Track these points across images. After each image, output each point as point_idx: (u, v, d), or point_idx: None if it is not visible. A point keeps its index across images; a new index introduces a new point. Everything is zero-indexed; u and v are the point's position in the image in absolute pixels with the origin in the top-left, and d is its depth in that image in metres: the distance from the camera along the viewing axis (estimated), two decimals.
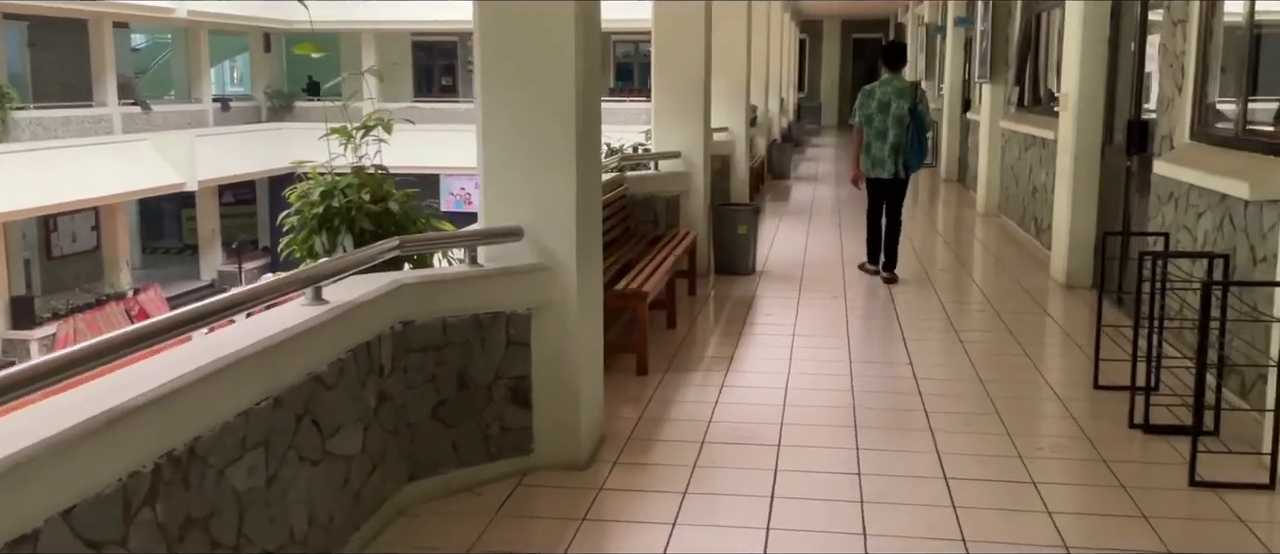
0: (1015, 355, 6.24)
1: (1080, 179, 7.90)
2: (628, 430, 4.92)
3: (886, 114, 8.38)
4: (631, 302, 5.84)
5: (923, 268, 9.19)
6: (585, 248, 4.41)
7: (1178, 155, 5.93)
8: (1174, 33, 6.26)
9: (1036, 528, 3.86)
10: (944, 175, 16.49)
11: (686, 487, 4.26)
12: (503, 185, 4.30)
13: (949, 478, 4.34)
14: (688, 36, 8.41)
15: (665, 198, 8.52)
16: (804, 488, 4.27)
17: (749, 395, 5.52)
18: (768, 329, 6.99)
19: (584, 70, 4.29)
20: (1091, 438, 4.80)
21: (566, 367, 4.38)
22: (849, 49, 33.07)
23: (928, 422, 5.03)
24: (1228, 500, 4.07)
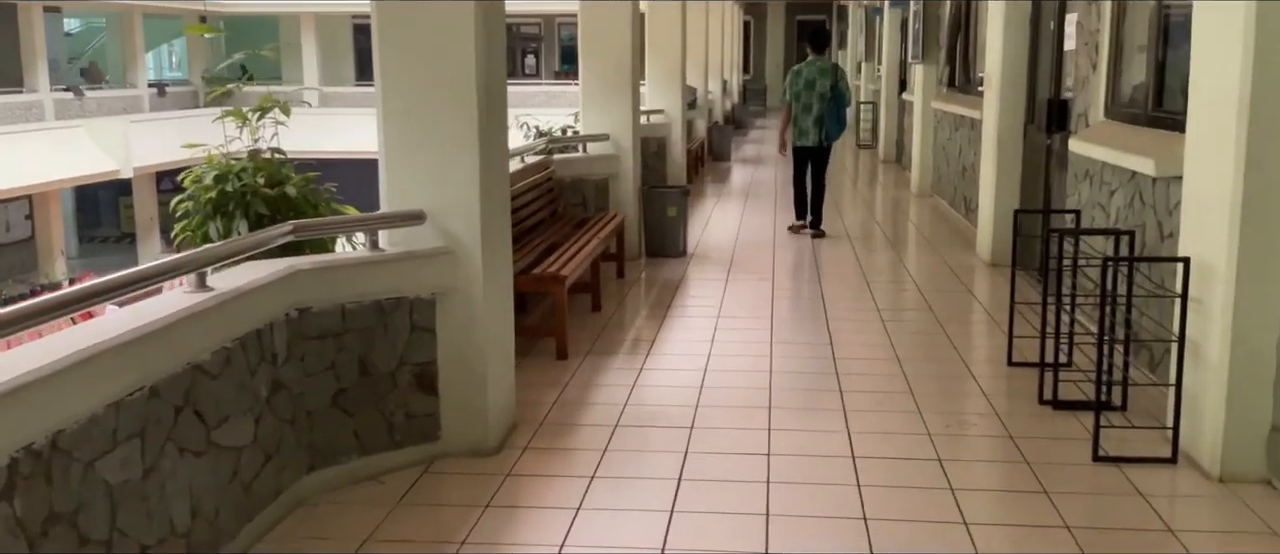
0: (935, 334, 6.28)
1: (1003, 158, 7.97)
2: (542, 415, 4.88)
3: (812, 91, 9.61)
4: (550, 285, 5.79)
5: (853, 248, 9.23)
6: (491, 231, 4.34)
7: (1091, 133, 5.98)
8: (1089, 11, 6.31)
9: (939, 504, 3.88)
10: (882, 156, 16.59)
11: (595, 471, 4.23)
12: (404, 168, 4.22)
13: (857, 457, 4.34)
14: (614, 19, 8.34)
15: (594, 181, 8.46)
16: (712, 470, 4.25)
17: (667, 378, 5.50)
18: (693, 311, 6.97)
19: (486, 51, 4.21)
20: (1001, 414, 4.83)
21: (473, 352, 4.32)
22: (793, 31, 33.13)
23: (842, 401, 5.04)
24: (1130, 475, 4.11)
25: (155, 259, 15.36)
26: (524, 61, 36.23)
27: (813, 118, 9.59)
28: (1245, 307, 3.88)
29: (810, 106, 9.59)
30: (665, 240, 8.78)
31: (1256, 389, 3.92)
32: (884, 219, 11.13)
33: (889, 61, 16.26)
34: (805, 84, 9.62)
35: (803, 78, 9.66)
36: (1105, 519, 3.78)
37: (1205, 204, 4.09)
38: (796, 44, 33.39)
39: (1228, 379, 3.94)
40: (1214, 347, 4.00)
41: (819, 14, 31.87)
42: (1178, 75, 5.26)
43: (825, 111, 9.55)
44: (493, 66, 4.34)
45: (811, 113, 9.59)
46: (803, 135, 9.69)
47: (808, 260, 8.70)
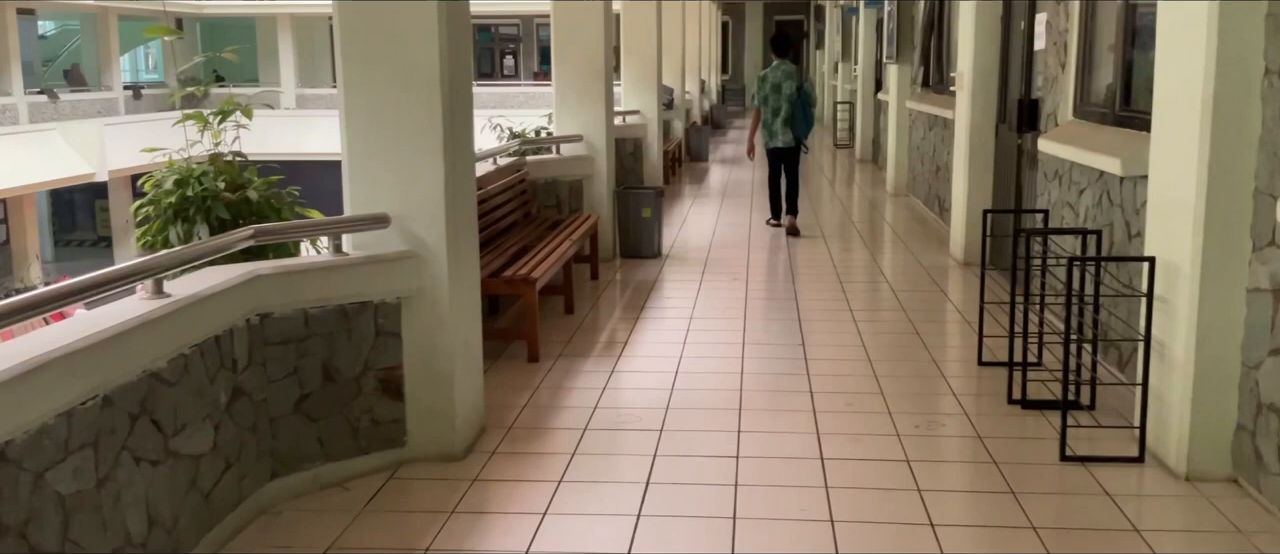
0: (906, 334, 6.28)
1: (975, 157, 7.99)
2: (511, 419, 4.85)
3: (779, 94, 9.98)
4: (520, 288, 5.76)
5: (827, 249, 9.23)
6: (457, 234, 4.31)
7: (1060, 133, 6.00)
8: (1058, 10, 6.33)
9: (905, 505, 3.87)
10: (859, 156, 16.62)
11: (563, 475, 4.20)
12: (368, 171, 4.19)
13: (825, 458, 4.33)
14: (587, 20, 8.32)
15: (568, 182, 8.44)
16: (680, 473, 4.23)
17: (638, 380, 5.47)
18: (666, 313, 6.95)
19: (450, 52, 4.18)
20: (970, 414, 4.84)
21: (440, 356, 4.28)
22: (772, 31, 33.10)
23: (812, 403, 5.03)
24: (1096, 474, 4.11)
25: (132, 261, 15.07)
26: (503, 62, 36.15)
27: (781, 119, 9.95)
28: (1209, 306, 3.89)
29: (779, 109, 9.94)
30: (640, 241, 8.76)
31: (1221, 388, 3.93)
32: (860, 219, 11.14)
33: (865, 61, 16.29)
34: (772, 88, 9.99)
35: (769, 82, 10.04)
36: (1072, 519, 3.78)
37: (1170, 204, 4.10)
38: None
39: (1193, 378, 3.95)
40: (1179, 346, 4.01)
41: (797, 14, 31.93)
42: (1145, 75, 5.28)
43: (793, 113, 9.93)
44: (458, 67, 4.31)
45: (780, 115, 9.94)
46: (773, 137, 10.03)
47: (782, 261, 8.70)
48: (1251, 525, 3.64)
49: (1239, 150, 3.79)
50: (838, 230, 10.30)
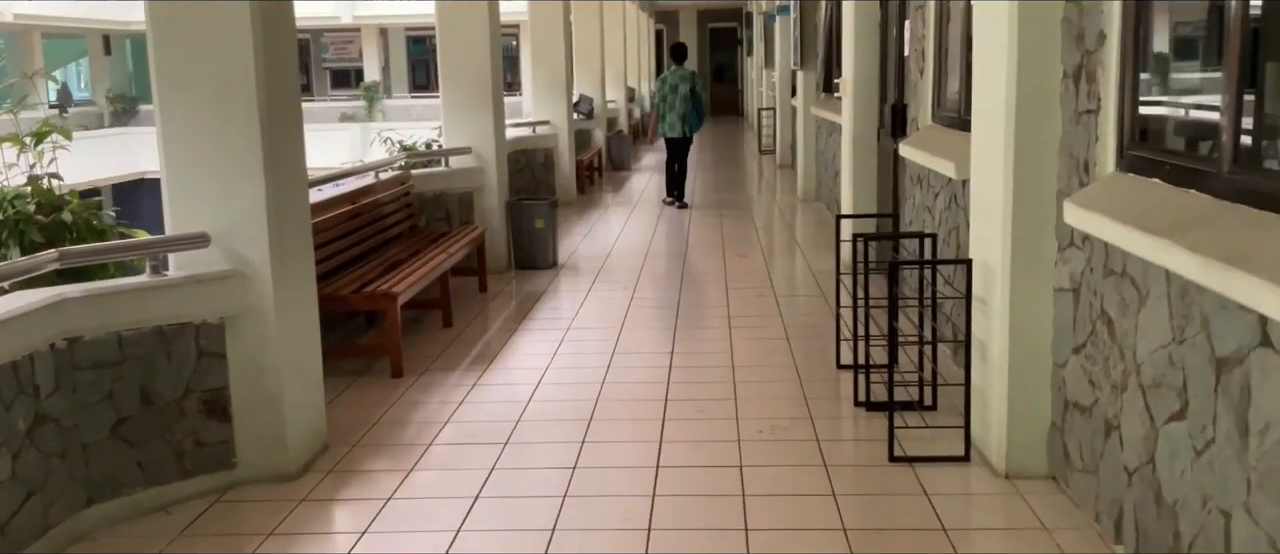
0: (777, 340, 6.32)
1: (859, 163, 8.07)
2: (359, 436, 4.81)
3: (676, 93, 12.26)
4: (382, 303, 5.72)
5: (723, 255, 9.28)
6: (285, 252, 4.27)
7: (917, 138, 6.08)
8: (917, 16, 6.42)
9: (725, 512, 3.89)
10: (779, 162, 16.73)
11: (393, 492, 4.18)
12: (188, 189, 4.14)
13: (661, 466, 4.35)
14: (472, 29, 8.29)
15: (457, 194, 8.41)
16: (512, 487, 4.22)
17: (497, 394, 5.46)
18: (545, 323, 6.94)
19: (267, 67, 4.14)
20: (815, 418, 4.87)
21: (269, 376, 4.24)
22: (706, 38, 33.35)
23: (664, 411, 5.04)
24: (921, 474, 4.16)
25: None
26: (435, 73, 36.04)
27: (677, 114, 12.22)
28: (1021, 306, 3.96)
29: (675, 106, 12.23)
30: (534, 252, 8.74)
31: (1035, 387, 4.00)
32: (763, 226, 11.20)
33: (781, 68, 16.41)
34: (670, 88, 12.33)
35: (667, 84, 12.39)
36: (884, 520, 3.82)
37: (984, 206, 4.17)
38: (710, 50, 33.67)
39: (1008, 377, 4.02)
40: (996, 346, 4.08)
41: (730, 21, 32.14)
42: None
43: (685, 109, 12.17)
44: (280, 80, 4.26)
45: (676, 111, 12.23)
46: (671, 128, 12.28)
47: (675, 268, 8.73)
48: (1059, 522, 3.70)
49: (1041, 153, 3.86)
50: (738, 236, 10.36)
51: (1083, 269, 3.60)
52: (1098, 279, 3.46)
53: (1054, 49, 3.79)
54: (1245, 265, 2.31)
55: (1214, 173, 2.77)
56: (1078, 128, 3.65)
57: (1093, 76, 3.51)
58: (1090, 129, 3.54)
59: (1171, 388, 2.92)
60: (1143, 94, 3.32)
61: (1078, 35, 3.63)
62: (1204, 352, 2.72)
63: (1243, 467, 2.54)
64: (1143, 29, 3.30)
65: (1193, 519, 2.81)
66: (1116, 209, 3.10)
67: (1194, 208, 2.79)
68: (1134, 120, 3.32)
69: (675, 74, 12.33)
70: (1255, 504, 2.49)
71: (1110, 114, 3.40)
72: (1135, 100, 3.31)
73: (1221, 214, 2.65)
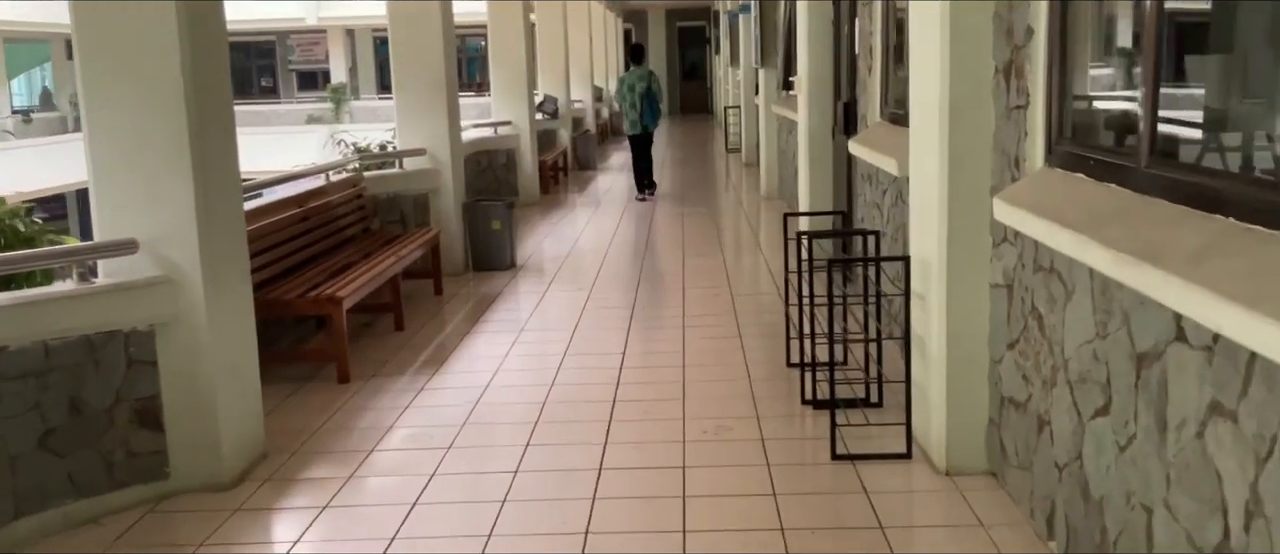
0: (730, 339, 6.29)
1: (814, 161, 8.06)
2: (299, 444, 4.74)
3: (634, 92, 13.01)
4: (327, 308, 5.65)
5: (682, 255, 9.25)
6: (216, 257, 4.21)
7: (864, 135, 6.07)
8: (865, 13, 6.41)
9: (664, 514, 3.86)
10: (745, 160, 16.72)
11: (330, 500, 4.12)
12: (115, 194, 4.07)
13: (604, 469, 4.31)
14: (424, 30, 8.23)
15: (412, 196, 8.34)
16: (450, 492, 4.17)
17: (443, 398, 5.40)
18: (498, 326, 6.89)
19: (195, 68, 4.07)
20: (761, 417, 4.85)
21: (202, 383, 4.17)
22: (675, 37, 33.33)
23: (610, 413, 5.00)
24: (863, 472, 4.15)
25: None
26: None
27: (637, 112, 12.98)
28: (957, 303, 3.95)
29: (635, 104, 12.98)
30: (491, 254, 8.69)
31: (973, 382, 3.99)
32: (725, 225, 11.19)
33: (746, 67, 16.41)
34: (628, 88, 13.09)
35: (626, 83, 13.15)
36: (822, 519, 3.80)
37: (922, 202, 4.15)
38: (679, 49, 33.66)
39: (946, 373, 4.01)
40: (934, 342, 4.06)
41: (699, 20, 32.13)
42: None
43: (644, 106, 12.92)
44: (208, 78, 4.19)
45: (636, 109, 12.97)
46: (632, 126, 13.10)
47: (634, 268, 8.69)
48: (996, 519, 3.69)
49: (974, 149, 3.85)
50: (700, 235, 10.34)
51: (1015, 265, 3.59)
52: (1028, 275, 3.45)
53: (986, 44, 3.78)
54: (1154, 261, 2.30)
55: (1133, 167, 2.76)
56: (1009, 123, 3.64)
57: (1021, 72, 3.50)
58: (1020, 124, 3.54)
59: (1096, 383, 2.91)
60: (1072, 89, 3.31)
61: (1008, 30, 3.62)
62: (1125, 347, 2.71)
63: (1162, 463, 2.53)
64: (1069, 24, 3.29)
65: (1117, 516, 2.80)
66: (1041, 205, 3.09)
67: (1114, 203, 2.78)
68: (1061, 115, 3.31)
69: (633, 74, 13.10)
70: (1174, 500, 2.48)
71: (1039, 109, 3.39)
72: (1062, 95, 3.30)
73: (1139, 209, 2.64)
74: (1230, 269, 2.07)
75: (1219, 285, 2.02)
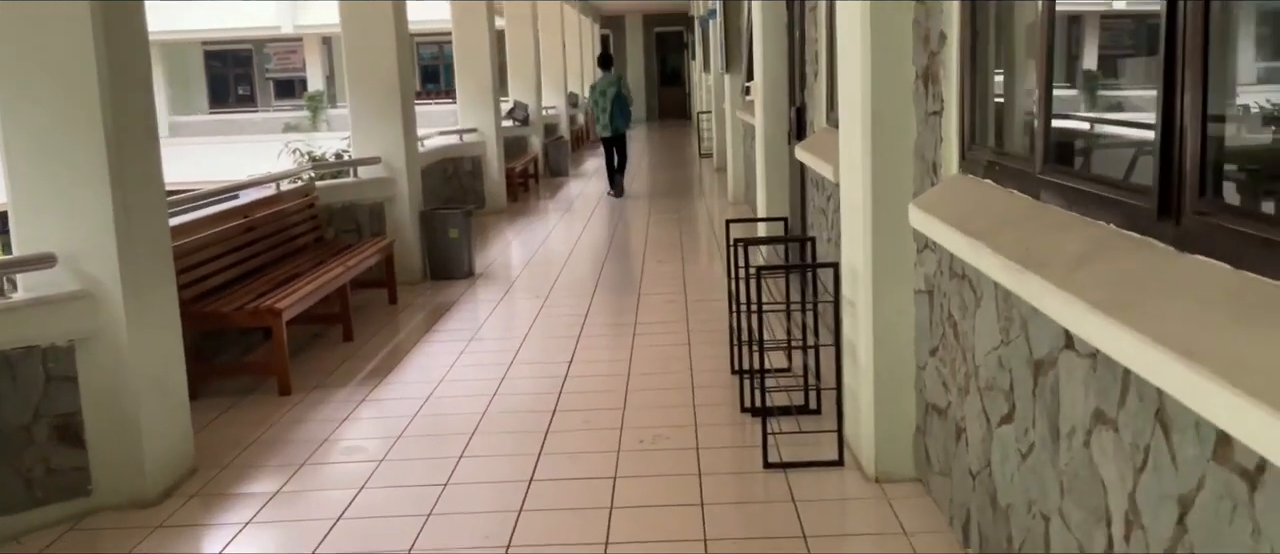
0: (679, 346, 6.26)
1: (771, 166, 8.05)
2: (231, 458, 4.69)
3: (605, 96, 14.10)
4: (267, 319, 5.59)
5: (641, 262, 9.23)
6: (139, 271, 4.15)
7: (809, 141, 6.06)
8: (810, 17, 6.39)
9: (589, 526, 3.82)
10: (716, 165, 16.71)
11: (254, 516, 4.07)
12: (34, 208, 4.02)
13: (534, 480, 4.27)
14: (377, 35, 8.17)
15: (367, 205, 8.28)
16: (377, 506, 4.13)
17: (385, 409, 5.36)
18: (449, 335, 6.84)
19: (113, 74, 4.02)
20: (699, 425, 4.82)
21: (125, 399, 4.12)
22: (652, 43, 33.34)
23: (549, 423, 4.97)
24: (794, 480, 4.12)
25: None
26: None
27: (608, 115, 13.98)
28: (883, 309, 3.93)
29: (606, 108, 14.02)
30: (449, 263, 8.64)
31: (900, 389, 3.97)
32: (687, 230, 11.16)
33: (715, 72, 16.40)
34: (599, 93, 14.22)
35: (598, 89, 14.30)
36: (747, 529, 3.77)
37: (850, 208, 4.14)
38: (657, 54, 33.66)
39: (874, 379, 3.99)
40: (863, 348, 4.04)
41: (676, 25, 32.15)
42: None
43: (614, 109, 13.90)
44: (128, 85, 4.13)
45: (607, 112, 13.99)
46: (604, 128, 14.12)
47: (592, 276, 8.65)
48: (920, 526, 3.67)
49: (897, 155, 3.83)
50: (662, 241, 10.31)
51: (935, 271, 3.57)
52: (946, 281, 3.44)
53: (906, 50, 3.77)
54: (1036, 268, 2.28)
55: (1029, 173, 2.74)
56: (927, 129, 3.62)
57: (936, 78, 3.48)
58: (936, 130, 3.52)
59: (1001, 390, 2.89)
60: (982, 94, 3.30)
61: (925, 36, 3.61)
62: (1024, 354, 2.69)
63: (1056, 471, 2.51)
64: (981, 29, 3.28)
65: (1021, 524, 2.78)
66: (948, 211, 3.07)
67: (1013, 209, 2.76)
68: (974, 121, 3.29)
69: (603, 80, 14.28)
70: (1066, 509, 2.46)
71: (953, 115, 3.37)
72: (974, 101, 3.28)
73: (1034, 215, 2.62)
74: (1100, 276, 2.05)
75: (1086, 293, 2.00)
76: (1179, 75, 1.94)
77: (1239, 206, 1.81)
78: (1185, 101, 1.92)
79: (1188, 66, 1.91)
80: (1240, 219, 1.78)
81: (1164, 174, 1.98)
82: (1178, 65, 1.94)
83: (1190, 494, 1.85)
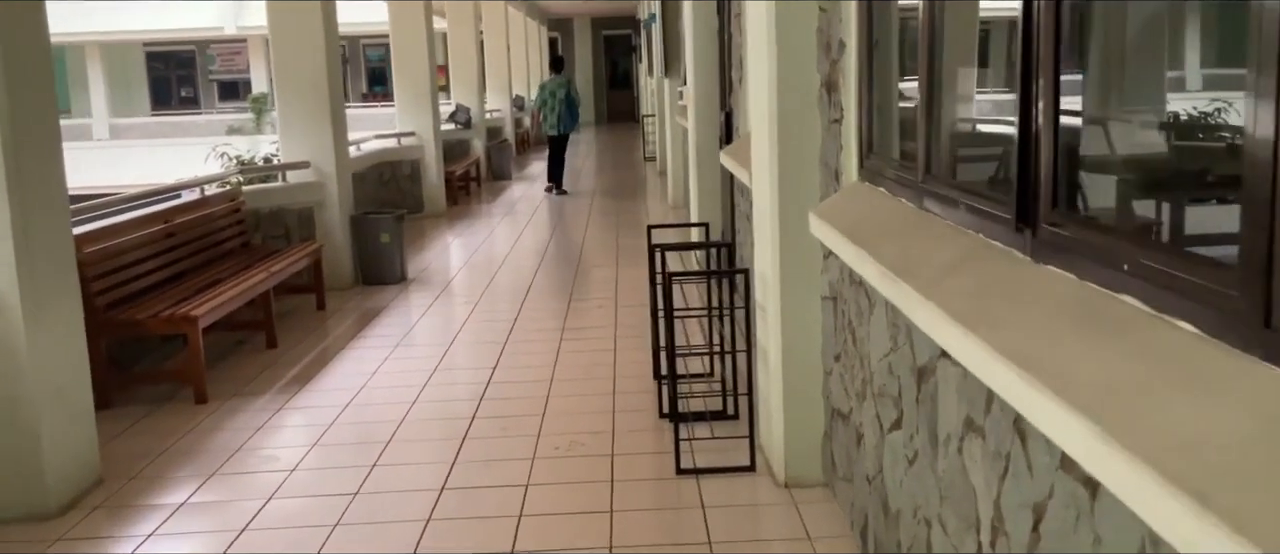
0: (604, 351, 6.26)
1: (702, 171, 8.07)
2: (139, 468, 4.60)
3: (554, 97, 14.79)
4: (182, 327, 5.50)
5: (576, 266, 9.21)
6: (38, 279, 4.06)
7: (732, 146, 6.08)
8: (736, 23, 6.42)
9: (496, 534, 3.80)
10: (659, 168, 16.74)
11: (157, 528, 4.00)
12: None
13: (445, 488, 4.24)
14: (306, 36, 8.07)
15: (296, 210, 8.18)
16: (284, 516, 4.07)
17: (303, 417, 5.29)
18: (375, 342, 6.77)
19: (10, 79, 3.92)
20: (617, 431, 4.81)
21: (23, 409, 4.03)
22: (601, 45, 33.33)
23: (467, 430, 4.93)
24: (704, 486, 4.13)
25: None
26: None
27: (556, 116, 14.67)
28: (792, 315, 3.95)
29: (554, 108, 14.70)
30: (381, 268, 8.56)
31: (809, 395, 3.99)
32: (626, 233, 11.16)
33: (657, 76, 16.42)
34: (548, 93, 14.88)
35: (546, 90, 14.96)
36: (654, 536, 3.77)
37: (760, 214, 4.15)
38: (606, 57, 33.66)
39: (783, 385, 4.00)
40: (773, 353, 4.06)
41: (625, 28, 32.17)
42: None
43: (561, 110, 14.64)
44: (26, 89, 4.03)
45: (555, 112, 14.68)
46: (551, 128, 14.75)
47: (525, 281, 8.62)
48: (824, 531, 3.69)
49: (803, 161, 3.85)
50: (599, 245, 10.30)
51: (838, 278, 3.59)
52: (846, 288, 3.46)
53: (811, 58, 3.79)
54: (909, 277, 2.30)
55: (913, 181, 2.77)
56: (830, 137, 3.65)
57: (836, 86, 3.51)
58: (838, 138, 3.54)
59: (891, 397, 2.92)
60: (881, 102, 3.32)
61: (827, 44, 3.63)
62: (909, 361, 2.72)
63: (935, 477, 2.54)
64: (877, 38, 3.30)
65: (908, 530, 2.81)
66: (843, 220, 3.10)
67: (900, 218, 2.78)
68: (871, 129, 3.32)
69: (553, 82, 15.01)
70: (945, 515, 2.48)
71: (852, 122, 3.40)
72: (872, 109, 3.31)
73: (916, 224, 2.64)
74: (963, 286, 2.07)
75: (947, 302, 2.02)
76: (1034, 82, 1.96)
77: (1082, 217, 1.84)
78: (1039, 110, 1.94)
79: (1041, 74, 1.93)
80: (1084, 230, 1.81)
81: (1021, 184, 2.01)
82: (1033, 72, 1.96)
83: (1043, 502, 1.88)
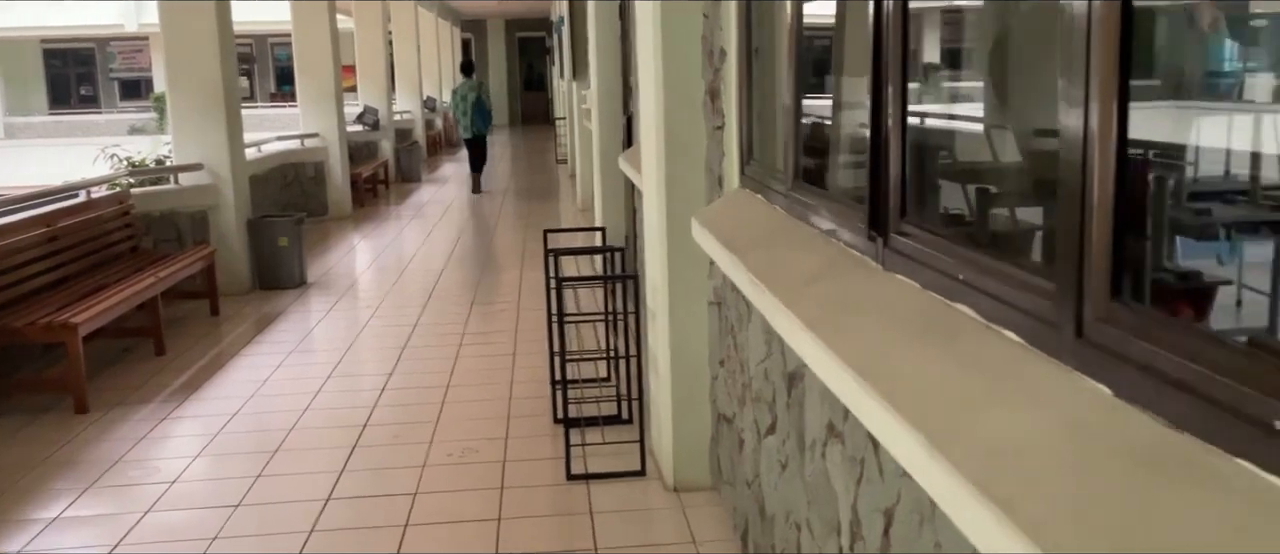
0: (503, 357, 6.22)
1: (606, 174, 8.08)
2: (13, 481, 4.43)
3: (466, 101, 15.08)
4: (61, 335, 5.32)
5: (481, 270, 9.14)
6: None
7: (630, 151, 6.09)
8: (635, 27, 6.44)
9: (381, 544, 3.74)
10: (571, 171, 16.70)
11: (27, 544, 3.85)
12: None
13: (332, 498, 4.17)
14: (198, 35, 7.87)
15: (189, 213, 7.98)
16: (159, 531, 3.96)
17: (188, 427, 5.15)
18: (269, 348, 6.63)
19: None
20: (510, 438, 4.79)
21: None
22: (515, 47, 33.16)
23: (358, 438, 4.86)
24: (594, 492, 4.12)
25: None
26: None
27: (469, 118, 15.02)
28: (680, 320, 3.97)
29: (467, 112, 15.03)
30: (278, 272, 8.39)
31: (697, 399, 4.01)
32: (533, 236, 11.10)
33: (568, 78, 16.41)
34: (460, 97, 15.23)
35: (459, 94, 15.36)
36: (541, 542, 3.75)
37: (649, 219, 4.17)
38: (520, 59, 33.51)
39: (672, 390, 4.02)
40: (662, 358, 4.07)
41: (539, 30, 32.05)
42: None
43: (475, 114, 14.95)
44: None
45: (468, 116, 15.01)
46: (465, 130, 15.18)
47: (428, 285, 8.52)
48: (710, 535, 3.71)
49: (689, 168, 3.87)
50: (505, 249, 10.24)
51: (721, 284, 3.62)
52: (728, 293, 3.49)
53: (696, 65, 3.81)
54: (772, 286, 2.32)
55: (783, 189, 2.80)
56: (714, 144, 3.68)
57: (718, 93, 3.53)
58: (721, 144, 3.57)
59: (765, 402, 2.95)
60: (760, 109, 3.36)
61: (710, 52, 3.66)
62: (781, 367, 2.75)
63: (804, 481, 2.57)
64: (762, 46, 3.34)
65: (782, 533, 2.84)
66: (721, 226, 3.12)
67: (771, 225, 2.81)
68: (751, 136, 3.36)
69: (465, 85, 15.25)
70: (811, 519, 2.52)
71: (733, 130, 3.43)
72: (751, 116, 3.34)
73: (786, 231, 2.68)
74: (821, 294, 2.10)
75: (803, 310, 2.05)
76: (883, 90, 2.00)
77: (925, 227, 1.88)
78: (888, 117, 1.98)
79: (889, 82, 1.97)
80: (926, 239, 1.85)
81: (872, 193, 2.05)
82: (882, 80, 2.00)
83: (892, 507, 1.91)
